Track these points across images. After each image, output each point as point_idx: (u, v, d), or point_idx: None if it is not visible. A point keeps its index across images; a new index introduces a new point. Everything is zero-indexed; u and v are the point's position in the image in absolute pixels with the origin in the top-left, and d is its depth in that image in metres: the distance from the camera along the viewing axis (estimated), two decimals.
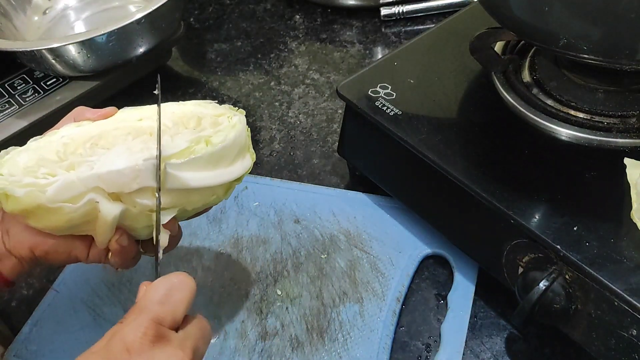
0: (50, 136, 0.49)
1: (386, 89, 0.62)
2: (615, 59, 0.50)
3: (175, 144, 0.47)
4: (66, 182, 0.44)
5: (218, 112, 0.51)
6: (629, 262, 0.46)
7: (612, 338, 0.46)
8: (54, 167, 0.46)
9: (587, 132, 0.55)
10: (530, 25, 0.52)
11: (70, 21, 0.93)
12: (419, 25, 0.92)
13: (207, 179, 0.47)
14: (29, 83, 0.80)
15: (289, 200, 0.69)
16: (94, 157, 0.46)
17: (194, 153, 0.47)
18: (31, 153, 0.47)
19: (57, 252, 0.49)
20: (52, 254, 0.49)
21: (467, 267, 0.60)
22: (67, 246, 0.49)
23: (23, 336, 0.59)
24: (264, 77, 0.88)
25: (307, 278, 0.61)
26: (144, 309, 0.39)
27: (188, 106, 0.52)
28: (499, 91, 0.60)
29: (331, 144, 0.77)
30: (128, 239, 0.48)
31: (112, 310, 0.61)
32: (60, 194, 0.44)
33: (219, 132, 0.49)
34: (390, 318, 0.57)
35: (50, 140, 0.49)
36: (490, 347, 0.56)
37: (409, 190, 0.63)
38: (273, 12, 0.99)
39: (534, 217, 0.50)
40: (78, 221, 0.45)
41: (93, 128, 0.50)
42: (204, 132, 0.49)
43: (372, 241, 0.64)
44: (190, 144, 0.47)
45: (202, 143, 0.47)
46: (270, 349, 0.56)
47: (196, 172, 0.47)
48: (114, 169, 0.45)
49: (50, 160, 0.46)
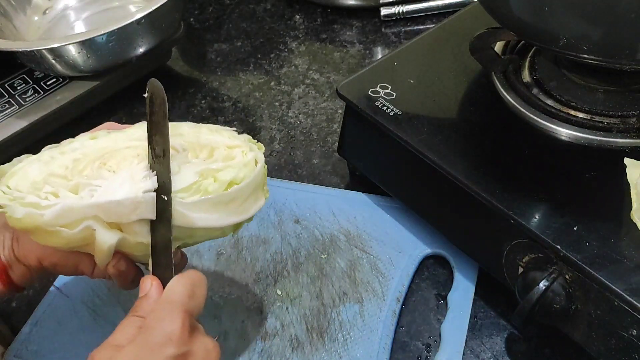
0: (64, 146, 0.49)
1: (386, 89, 0.62)
2: (615, 59, 0.50)
3: (182, 175, 0.46)
4: (65, 207, 0.44)
5: (233, 144, 0.49)
6: (629, 262, 0.46)
7: (612, 338, 0.46)
8: (58, 187, 0.45)
9: (587, 132, 0.55)
10: (530, 25, 0.52)
11: (70, 21, 0.93)
12: (419, 25, 0.92)
13: (215, 221, 0.46)
14: (29, 83, 0.80)
15: (289, 200, 0.69)
16: (98, 180, 0.45)
17: (204, 192, 0.45)
18: (42, 166, 0.47)
19: (64, 266, 0.50)
20: (59, 267, 0.50)
21: (467, 267, 0.60)
22: (74, 260, 0.49)
23: (23, 336, 0.59)
24: (264, 77, 0.88)
25: (307, 278, 0.61)
26: (176, 303, 0.42)
27: (203, 130, 0.50)
28: (499, 91, 0.60)
29: (331, 144, 0.77)
30: (126, 264, 0.48)
31: (112, 311, 0.60)
32: (58, 218, 0.43)
33: (229, 168, 0.47)
34: (390, 318, 0.57)
35: (63, 150, 0.48)
36: (490, 347, 0.56)
37: (409, 190, 0.63)
38: (273, 12, 0.99)
39: (534, 217, 0.50)
40: (77, 243, 0.45)
41: (106, 143, 0.49)
42: (214, 165, 0.47)
43: (372, 241, 0.64)
44: (198, 178, 0.46)
45: (210, 178, 0.46)
46: (270, 349, 0.56)
47: (205, 214, 0.45)
48: (113, 200, 0.44)
49: (59, 175, 0.46)
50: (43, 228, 0.44)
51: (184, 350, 0.40)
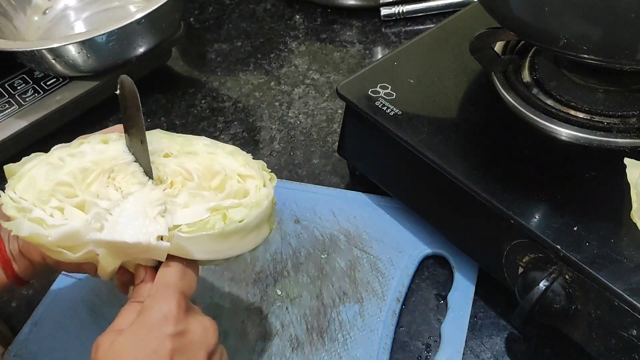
0: (75, 148, 0.49)
1: (386, 89, 0.62)
2: (615, 59, 0.50)
3: (193, 210, 0.45)
4: (70, 231, 0.43)
5: (247, 173, 0.48)
6: (629, 262, 0.46)
7: (612, 338, 0.46)
8: (65, 200, 0.45)
9: (587, 132, 0.55)
10: (530, 25, 0.52)
11: (70, 21, 0.93)
12: (419, 25, 0.92)
13: (214, 254, 0.45)
14: (29, 83, 0.80)
15: (289, 200, 0.69)
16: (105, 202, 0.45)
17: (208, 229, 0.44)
18: (50, 171, 0.46)
19: (67, 265, 0.50)
20: (62, 265, 0.50)
21: (467, 267, 0.60)
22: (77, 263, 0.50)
23: (23, 336, 0.59)
24: (264, 77, 0.88)
25: (307, 278, 0.61)
26: (170, 285, 0.43)
27: (218, 151, 0.49)
28: (499, 91, 0.60)
29: (331, 144, 0.77)
30: (129, 275, 0.48)
31: (112, 310, 0.60)
32: (62, 241, 0.43)
33: (241, 207, 0.46)
34: (390, 318, 0.57)
35: (72, 153, 0.48)
36: (490, 347, 0.56)
37: (409, 190, 0.63)
38: (273, 12, 0.99)
39: (534, 217, 0.50)
40: (79, 261, 0.45)
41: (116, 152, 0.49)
42: (226, 203, 0.46)
43: (372, 241, 0.64)
44: (208, 215, 0.45)
45: (219, 215, 0.45)
46: (270, 349, 0.56)
47: (204, 246, 0.44)
48: (122, 240, 0.43)
49: (66, 184, 0.45)
50: (46, 247, 0.44)
51: (181, 328, 0.42)
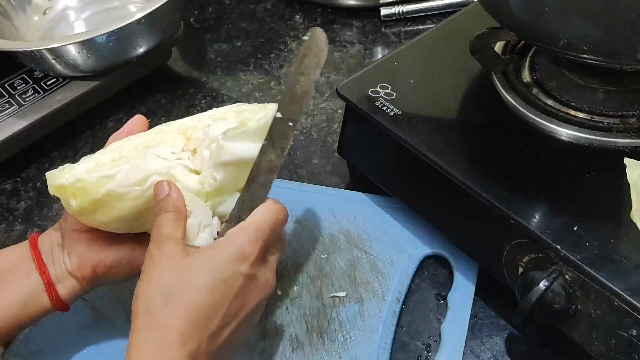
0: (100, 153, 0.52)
1: (386, 89, 0.62)
2: (615, 59, 0.50)
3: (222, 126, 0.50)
4: (134, 166, 0.48)
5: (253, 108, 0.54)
6: (629, 262, 0.46)
7: (612, 338, 0.46)
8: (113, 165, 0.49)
9: (587, 132, 0.55)
10: (530, 25, 0.52)
11: (70, 21, 0.93)
12: (419, 25, 0.92)
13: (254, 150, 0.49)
14: (29, 83, 0.80)
15: (288, 200, 0.68)
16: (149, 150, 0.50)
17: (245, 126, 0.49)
18: (88, 162, 0.51)
19: (120, 266, 0.51)
20: (114, 269, 0.51)
21: (467, 267, 0.60)
22: (129, 257, 0.51)
23: (23, 336, 0.59)
24: (264, 77, 0.88)
25: (307, 278, 0.61)
26: (261, 230, 0.46)
27: (224, 107, 0.56)
28: (499, 91, 0.60)
29: (331, 144, 0.77)
30: None
31: (112, 310, 0.60)
32: (128, 177, 0.47)
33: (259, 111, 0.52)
34: (390, 318, 0.57)
35: (103, 152, 0.52)
36: (490, 347, 0.56)
37: (409, 190, 0.63)
38: (273, 12, 0.99)
39: (534, 217, 0.50)
40: (141, 208, 0.48)
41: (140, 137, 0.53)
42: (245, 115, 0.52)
43: (372, 241, 0.64)
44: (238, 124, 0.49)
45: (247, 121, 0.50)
46: (270, 349, 0.56)
47: (245, 143, 0.49)
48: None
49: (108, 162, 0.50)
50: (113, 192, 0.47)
51: (253, 272, 0.45)
